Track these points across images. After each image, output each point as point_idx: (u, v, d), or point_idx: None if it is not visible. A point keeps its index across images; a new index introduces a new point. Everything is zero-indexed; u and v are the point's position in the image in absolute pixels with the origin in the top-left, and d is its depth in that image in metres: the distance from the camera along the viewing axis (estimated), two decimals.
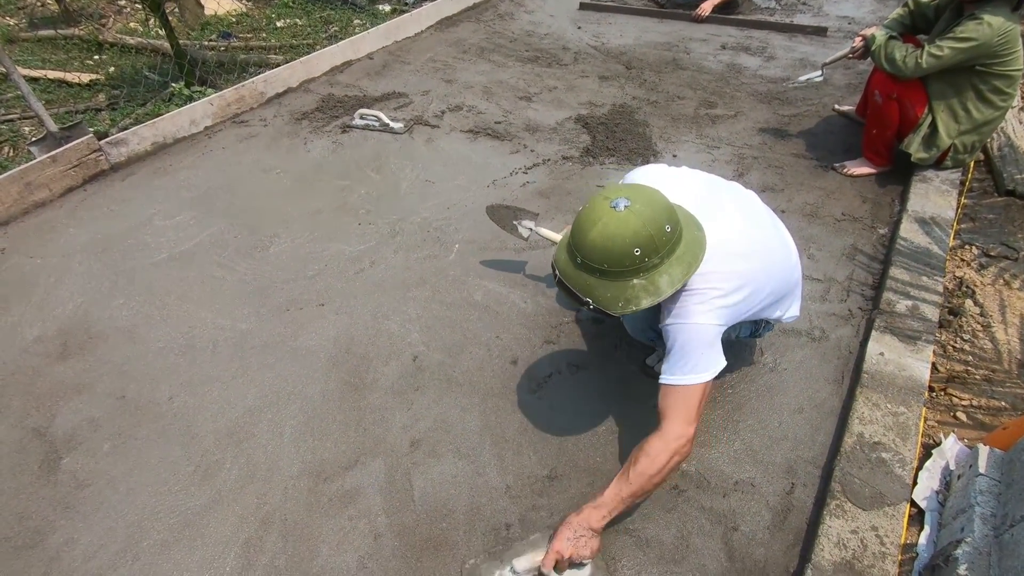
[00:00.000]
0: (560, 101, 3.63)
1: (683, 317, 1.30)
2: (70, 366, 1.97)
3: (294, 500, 1.56)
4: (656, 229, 1.19)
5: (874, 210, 2.57)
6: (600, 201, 1.22)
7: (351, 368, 1.93)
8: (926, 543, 1.43)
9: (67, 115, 3.67)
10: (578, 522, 1.31)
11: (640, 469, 1.28)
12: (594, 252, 1.21)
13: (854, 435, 1.59)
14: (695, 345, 1.29)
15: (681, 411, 1.30)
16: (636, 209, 1.19)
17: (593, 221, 1.20)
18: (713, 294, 1.30)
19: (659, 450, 1.28)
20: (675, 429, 1.29)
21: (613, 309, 1.24)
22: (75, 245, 2.51)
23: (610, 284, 1.23)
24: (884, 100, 2.57)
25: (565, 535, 1.30)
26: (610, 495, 1.30)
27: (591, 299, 1.25)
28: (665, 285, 1.23)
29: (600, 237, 1.19)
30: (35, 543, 1.49)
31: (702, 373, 1.30)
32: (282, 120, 3.49)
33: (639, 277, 1.22)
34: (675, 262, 1.24)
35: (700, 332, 1.30)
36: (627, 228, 1.18)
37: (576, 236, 1.25)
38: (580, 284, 1.26)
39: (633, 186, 1.27)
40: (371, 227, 2.58)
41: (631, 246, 1.18)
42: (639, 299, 1.23)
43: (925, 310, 1.95)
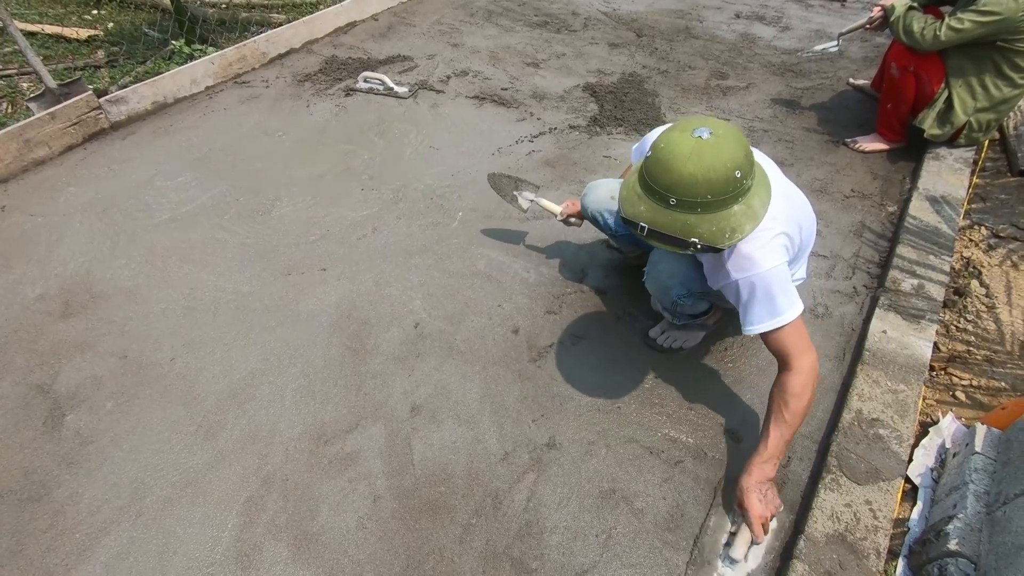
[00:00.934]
0: (568, 68, 3.55)
1: (752, 267, 1.29)
2: (72, 325, 1.97)
3: (295, 461, 1.58)
4: (745, 148, 1.19)
5: (884, 187, 2.53)
6: (679, 135, 1.19)
7: (352, 333, 1.93)
8: (918, 518, 1.45)
9: (66, 71, 3.60)
10: (756, 482, 1.34)
11: (794, 409, 1.32)
12: (696, 185, 1.16)
13: (853, 411, 1.59)
14: (778, 287, 1.30)
15: (799, 345, 1.33)
16: (720, 133, 1.17)
17: (686, 155, 1.16)
18: (769, 235, 1.30)
19: (803, 386, 1.32)
20: (805, 362, 1.32)
21: (721, 242, 1.21)
22: (76, 204, 2.49)
23: (712, 217, 1.19)
24: (901, 73, 2.50)
25: (755, 499, 1.33)
26: (774, 443, 1.34)
27: (696, 238, 1.21)
28: (759, 207, 1.23)
29: (700, 168, 1.15)
30: (40, 496, 1.52)
31: (795, 306, 1.31)
32: (284, 81, 3.42)
33: (739, 202, 1.21)
34: (758, 184, 1.25)
35: (775, 274, 1.30)
36: (723, 152, 1.16)
37: (664, 176, 1.19)
38: (678, 226, 1.21)
39: (698, 117, 1.25)
40: (374, 193, 2.55)
41: (732, 169, 1.16)
42: (743, 225, 1.21)
43: (931, 289, 1.93)
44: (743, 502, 1.34)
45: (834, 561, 1.31)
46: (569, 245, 2.26)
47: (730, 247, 1.26)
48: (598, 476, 1.54)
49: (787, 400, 1.32)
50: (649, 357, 1.85)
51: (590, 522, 1.45)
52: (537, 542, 1.41)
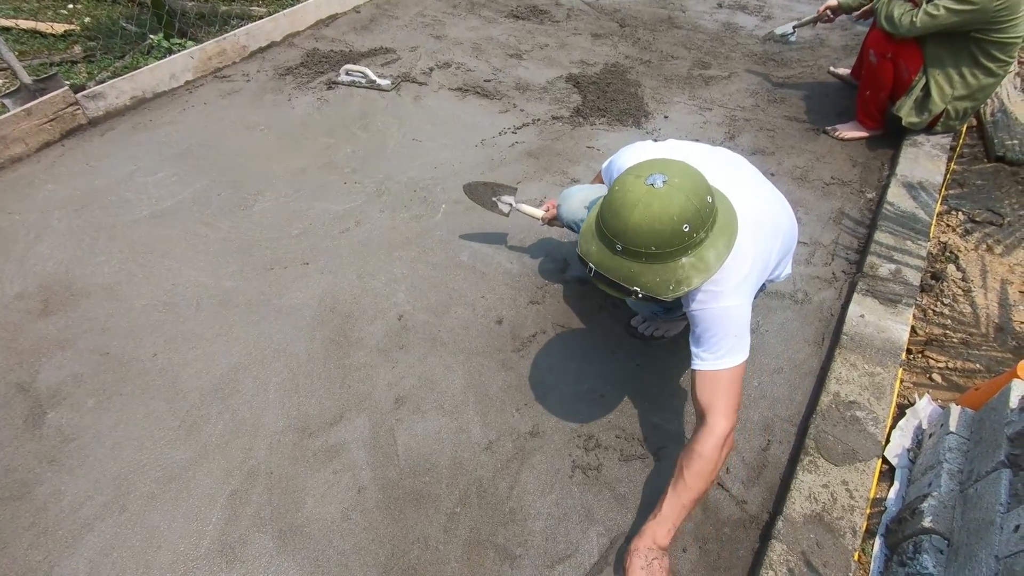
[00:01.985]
0: (551, 59, 3.55)
1: (714, 301, 1.25)
2: (52, 323, 1.95)
3: (279, 454, 1.58)
4: (700, 201, 1.12)
5: (863, 174, 2.56)
6: (633, 181, 1.14)
7: (336, 326, 1.93)
8: (895, 498, 1.48)
9: (41, 67, 3.54)
10: (645, 546, 1.25)
11: (696, 471, 1.23)
12: (639, 236, 1.12)
13: (830, 394, 1.62)
14: (729, 327, 1.24)
15: (724, 399, 1.25)
16: (676, 183, 1.11)
17: (633, 203, 1.12)
18: (739, 274, 1.24)
19: (711, 448, 1.23)
20: (722, 423, 1.24)
21: (664, 294, 1.16)
22: (54, 201, 2.46)
23: (658, 268, 1.15)
24: (879, 60, 2.53)
25: (637, 564, 1.24)
26: (670, 507, 1.25)
27: (638, 287, 1.17)
28: (713, 259, 1.16)
29: (645, 218, 1.10)
30: (22, 495, 1.51)
31: (738, 354, 1.25)
32: (265, 75, 3.39)
33: (688, 255, 1.15)
34: (718, 234, 1.17)
35: (732, 313, 1.24)
36: (672, 204, 1.10)
37: (612, 222, 1.15)
38: (623, 273, 1.17)
39: (661, 160, 1.20)
40: (357, 186, 2.54)
41: (680, 223, 1.10)
42: (690, 278, 1.16)
43: (908, 274, 1.96)
44: (626, 564, 1.27)
45: (811, 541, 1.33)
46: (551, 236, 2.27)
47: (673, 298, 1.19)
48: (581, 463, 1.56)
49: (691, 462, 1.24)
50: (631, 345, 1.86)
51: (573, 507, 1.47)
52: (521, 528, 1.43)
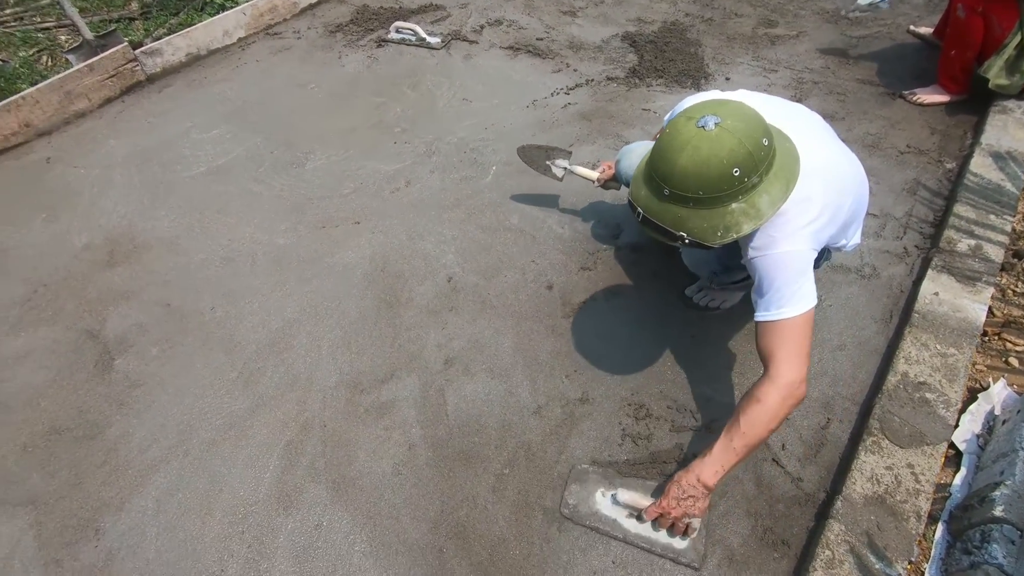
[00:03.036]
0: (607, 17, 3.40)
1: (772, 247, 1.19)
2: (117, 273, 2.03)
3: (332, 409, 1.62)
4: (754, 144, 1.08)
5: (943, 142, 2.39)
6: (684, 123, 1.10)
7: (387, 286, 1.94)
8: (961, 484, 1.41)
9: (101, 23, 3.61)
10: (687, 481, 1.22)
11: (752, 418, 1.17)
12: (686, 179, 1.09)
13: (898, 374, 1.54)
14: (791, 274, 1.17)
15: (789, 349, 1.17)
16: (728, 125, 1.07)
17: (681, 145, 1.08)
18: (801, 219, 1.18)
19: (771, 396, 1.16)
20: (786, 372, 1.16)
21: (711, 240, 1.13)
22: (116, 156, 2.53)
23: (706, 213, 1.11)
24: (968, 15, 2.32)
25: (672, 493, 1.23)
26: (720, 448, 1.20)
27: (684, 232, 1.14)
28: (766, 206, 1.12)
29: (692, 162, 1.07)
30: (94, 435, 1.59)
31: (802, 303, 1.17)
32: (316, 32, 3.37)
33: (738, 200, 1.11)
34: (773, 179, 1.12)
35: (794, 259, 1.18)
36: (722, 148, 1.06)
37: (660, 165, 1.12)
38: (670, 218, 1.14)
39: (717, 101, 1.15)
40: (407, 146, 2.52)
41: (729, 167, 1.07)
42: (739, 225, 1.12)
43: (989, 250, 1.83)
44: (667, 488, 1.26)
45: (872, 522, 1.29)
46: (604, 201, 2.21)
47: (720, 244, 1.15)
48: (631, 432, 1.54)
49: (749, 407, 1.17)
50: (685, 315, 1.81)
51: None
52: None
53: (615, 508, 1.36)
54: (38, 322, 1.88)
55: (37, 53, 3.42)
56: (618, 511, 1.36)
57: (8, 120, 2.57)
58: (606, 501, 1.38)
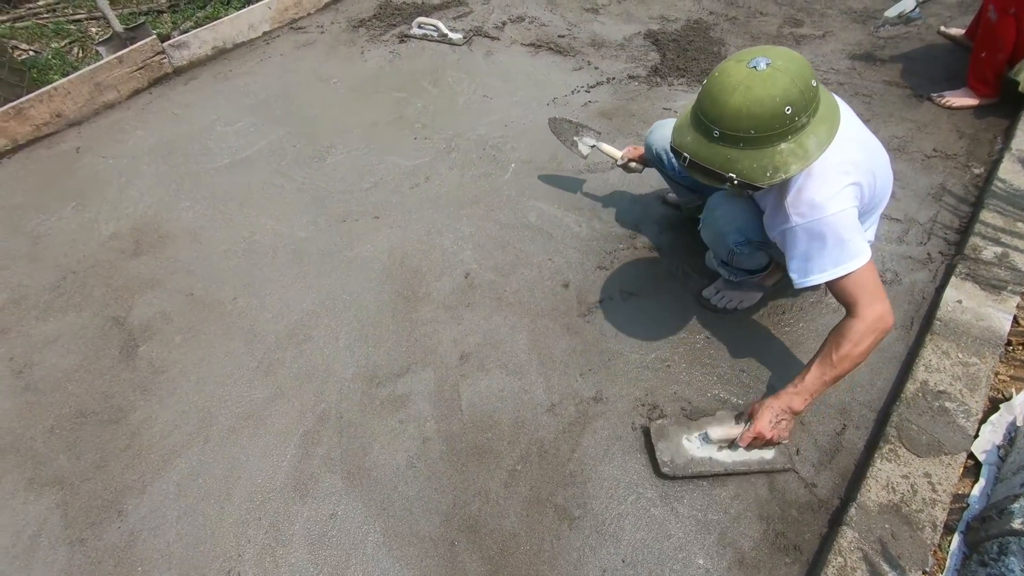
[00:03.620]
0: (629, 14, 3.38)
1: (814, 212, 1.22)
2: (143, 262, 2.07)
3: (348, 400, 1.64)
4: (804, 84, 1.11)
5: (971, 147, 2.34)
6: (734, 65, 1.13)
7: (404, 280, 1.96)
8: (979, 495, 1.39)
9: (131, 16, 3.68)
10: (779, 406, 1.32)
11: (845, 352, 1.25)
12: (739, 119, 1.11)
13: (918, 382, 1.52)
14: (845, 233, 1.22)
15: (867, 292, 1.24)
16: (779, 66, 1.10)
17: (733, 86, 1.11)
18: (837, 180, 1.22)
19: (862, 332, 1.24)
20: (872, 310, 1.24)
21: (760, 179, 1.16)
22: (143, 147, 2.59)
23: (755, 153, 1.15)
24: (1000, 16, 2.27)
25: (766, 417, 1.32)
26: (812, 379, 1.30)
27: (734, 173, 1.17)
28: (813, 147, 1.16)
29: (745, 100, 1.10)
30: (119, 419, 1.64)
31: (862, 253, 1.23)
32: (339, 27, 3.40)
33: (787, 140, 1.14)
34: (819, 122, 1.16)
35: (841, 219, 1.22)
36: (775, 86, 1.09)
37: (711, 107, 1.15)
38: (719, 159, 1.18)
39: (764, 47, 1.17)
40: (427, 142, 2.54)
41: (782, 105, 1.10)
42: (788, 164, 1.15)
43: (1016, 259, 1.80)
44: (755, 413, 1.35)
45: (886, 531, 1.27)
46: (622, 200, 2.21)
47: (769, 185, 1.18)
48: (643, 432, 1.54)
49: (840, 342, 1.26)
50: (701, 316, 1.80)
51: (634, 475, 1.46)
52: (581, 491, 1.43)
53: (706, 447, 1.43)
54: (67, 308, 1.93)
55: (68, 44, 3.50)
56: (709, 448, 1.42)
57: (40, 110, 2.63)
58: (695, 444, 1.44)
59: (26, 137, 2.63)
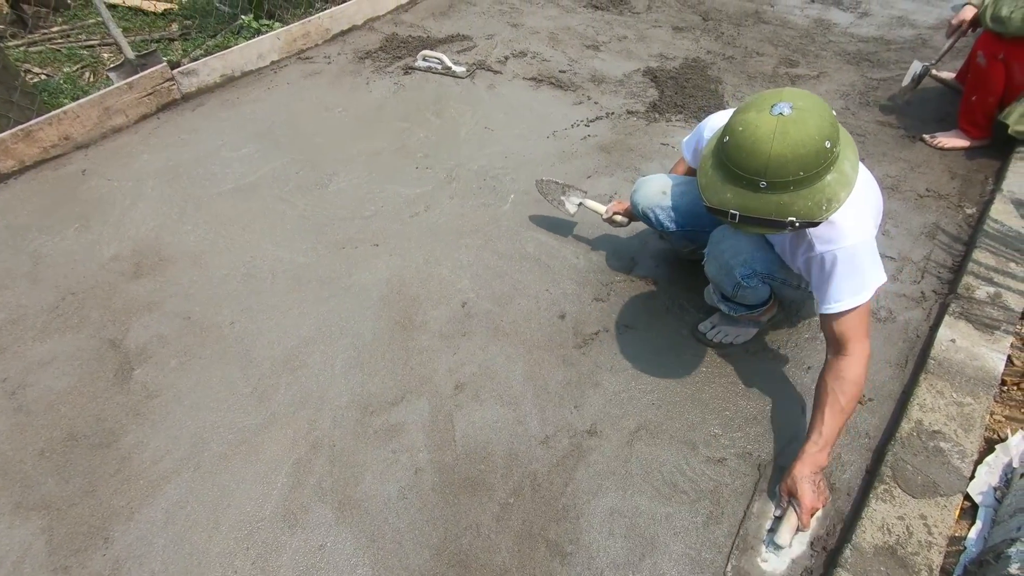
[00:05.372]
0: (629, 52, 3.47)
1: (838, 240, 1.25)
2: (142, 285, 2.08)
3: (342, 429, 1.63)
4: (830, 116, 1.15)
5: (963, 187, 2.38)
6: (757, 115, 1.15)
7: (401, 309, 1.97)
8: (976, 538, 1.38)
9: (142, 43, 3.77)
10: (811, 472, 1.32)
11: (851, 395, 1.30)
12: (785, 164, 1.13)
13: (912, 421, 1.52)
14: (863, 262, 1.26)
15: (861, 330, 1.31)
16: (802, 106, 1.13)
17: (768, 135, 1.12)
18: (859, 207, 1.26)
19: (859, 372, 1.30)
20: (863, 349, 1.31)
21: (819, 215, 1.18)
22: (148, 170, 2.62)
23: (807, 192, 1.16)
24: (988, 61, 2.33)
25: (808, 488, 1.31)
26: (829, 431, 1.31)
27: (792, 216, 1.18)
28: (850, 171, 1.19)
29: (786, 146, 1.12)
30: (110, 443, 1.63)
31: (874, 286, 1.28)
32: (346, 58, 3.48)
33: (831, 172, 1.17)
34: (845, 146, 1.20)
35: (862, 250, 1.26)
36: (809, 126, 1.12)
37: (750, 159, 1.15)
38: (773, 208, 1.18)
39: (772, 92, 1.20)
40: (428, 171, 2.58)
41: (821, 141, 1.12)
42: (837, 194, 1.17)
43: (1008, 299, 1.81)
44: (796, 491, 1.32)
45: (882, 573, 1.26)
46: (619, 233, 2.23)
47: (827, 218, 1.20)
48: (638, 467, 1.53)
49: (844, 387, 1.29)
50: (697, 351, 1.81)
51: (628, 510, 1.44)
52: (574, 526, 1.42)
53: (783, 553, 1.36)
54: (64, 329, 1.94)
55: (80, 69, 3.57)
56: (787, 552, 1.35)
57: (49, 132, 2.68)
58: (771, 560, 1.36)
59: (33, 159, 2.67)
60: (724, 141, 1.21)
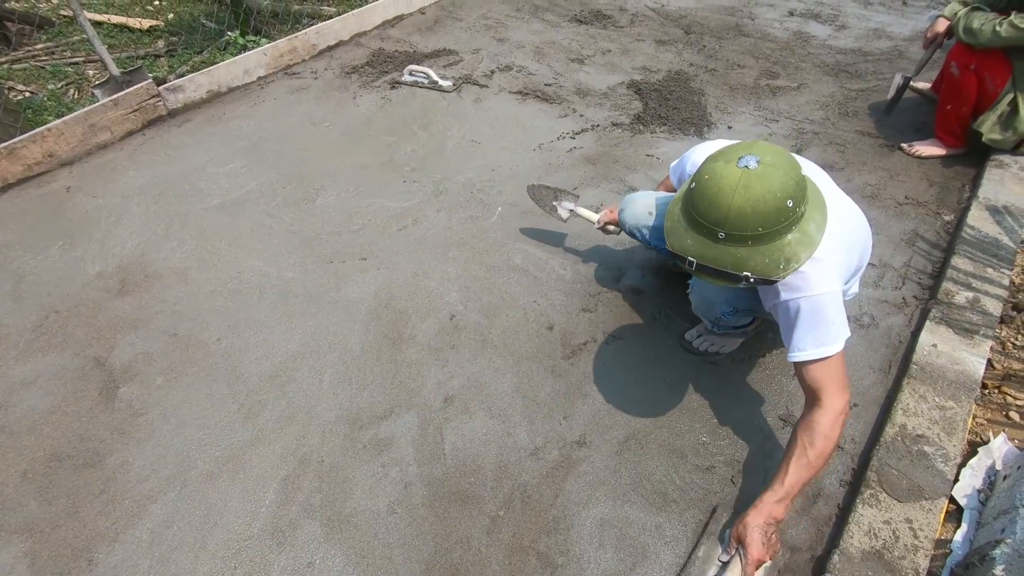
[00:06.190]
0: (613, 65, 3.52)
1: (804, 289, 1.24)
2: (128, 302, 2.07)
3: (330, 444, 1.63)
4: (796, 174, 1.13)
5: (941, 195, 2.43)
6: (724, 166, 1.14)
7: (390, 322, 1.97)
8: (962, 541, 1.39)
9: (128, 60, 3.76)
10: (764, 522, 1.26)
11: (820, 450, 1.24)
12: (744, 218, 1.12)
13: (896, 426, 1.54)
14: (828, 313, 1.24)
15: (836, 381, 1.26)
16: (769, 161, 1.12)
17: (731, 187, 1.12)
18: (832, 258, 1.24)
19: (831, 427, 1.24)
20: (837, 402, 1.25)
21: (775, 274, 1.17)
22: (134, 187, 2.61)
23: (765, 248, 1.15)
24: (961, 72, 2.40)
25: (758, 539, 1.24)
26: (791, 484, 1.25)
27: (747, 271, 1.17)
28: (815, 232, 1.18)
29: (747, 201, 1.10)
30: (94, 463, 1.60)
31: (840, 339, 1.25)
32: (332, 73, 3.50)
33: (792, 231, 1.15)
34: (813, 207, 1.19)
35: (828, 300, 1.24)
36: (773, 182, 1.10)
37: (711, 209, 1.15)
38: (729, 260, 1.17)
39: (742, 144, 1.20)
40: (415, 185, 2.59)
41: (783, 199, 1.11)
42: (797, 254, 1.16)
43: (987, 303, 1.85)
44: (745, 539, 1.25)
45: None
46: (607, 243, 2.25)
47: (785, 277, 1.19)
48: (628, 477, 1.53)
49: (814, 440, 1.24)
50: (684, 359, 1.82)
51: (618, 520, 1.45)
52: (564, 538, 1.42)
53: None
54: (47, 348, 1.91)
55: (65, 86, 3.56)
56: None
57: (33, 150, 2.66)
58: None
59: (17, 176, 2.65)
60: (691, 188, 1.20)
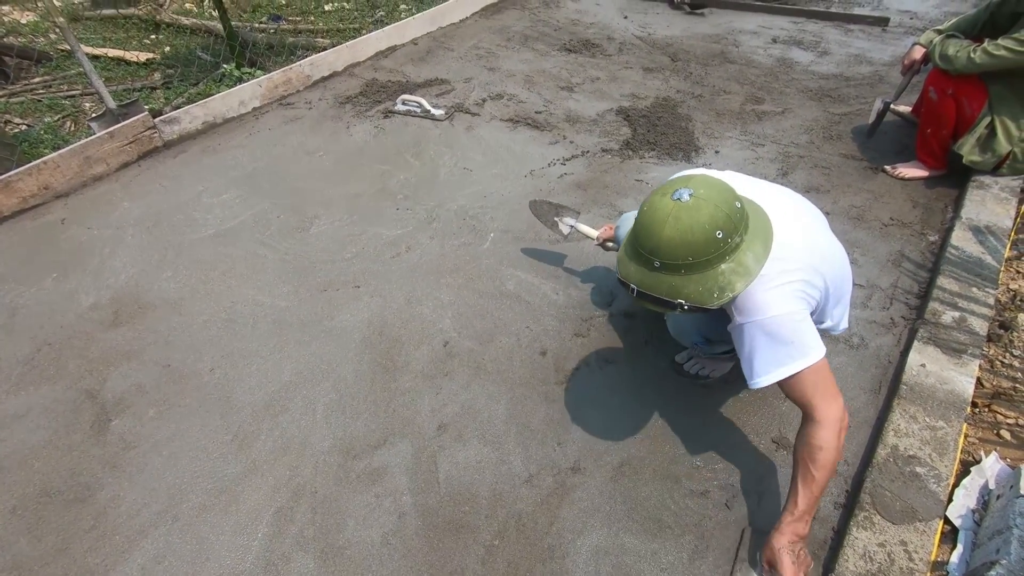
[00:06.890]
0: (602, 92, 3.59)
1: (757, 312, 1.25)
2: (121, 333, 2.07)
3: (324, 474, 1.62)
4: (728, 208, 1.16)
5: (925, 216, 2.47)
6: (659, 199, 1.19)
7: (383, 350, 1.97)
8: (958, 562, 1.39)
9: (124, 92, 3.82)
10: (789, 542, 1.28)
11: (822, 462, 1.25)
12: (674, 248, 1.16)
13: (888, 447, 1.55)
14: (787, 332, 1.23)
15: (822, 391, 1.26)
16: (701, 194, 1.16)
17: (663, 219, 1.16)
18: (781, 280, 1.25)
19: (830, 438, 1.24)
20: (831, 412, 1.25)
21: (709, 302, 1.19)
22: (129, 218, 2.63)
23: (698, 277, 1.18)
24: (940, 97, 2.46)
25: (788, 561, 1.26)
26: (804, 501, 1.27)
27: (682, 299, 1.20)
28: (752, 263, 1.19)
29: (677, 231, 1.15)
30: (85, 498, 1.59)
31: (811, 352, 1.23)
32: (326, 103, 3.55)
33: (726, 261, 1.18)
34: (752, 238, 1.21)
35: (784, 320, 1.24)
36: (702, 214, 1.14)
37: (646, 239, 1.19)
38: (665, 288, 1.20)
39: (685, 176, 1.24)
40: (409, 212, 2.62)
41: (712, 230, 1.14)
42: (732, 284, 1.18)
43: (973, 323, 1.87)
44: (775, 562, 1.28)
45: None
46: (598, 268, 2.28)
47: (719, 305, 1.21)
48: (622, 503, 1.53)
49: (813, 455, 1.25)
50: (677, 383, 1.83)
51: (614, 548, 1.44)
52: (560, 567, 1.41)
53: None
54: (39, 381, 1.91)
55: (62, 119, 3.60)
56: None
57: (28, 183, 2.68)
58: None
59: (12, 209, 2.66)
60: (636, 218, 1.25)
